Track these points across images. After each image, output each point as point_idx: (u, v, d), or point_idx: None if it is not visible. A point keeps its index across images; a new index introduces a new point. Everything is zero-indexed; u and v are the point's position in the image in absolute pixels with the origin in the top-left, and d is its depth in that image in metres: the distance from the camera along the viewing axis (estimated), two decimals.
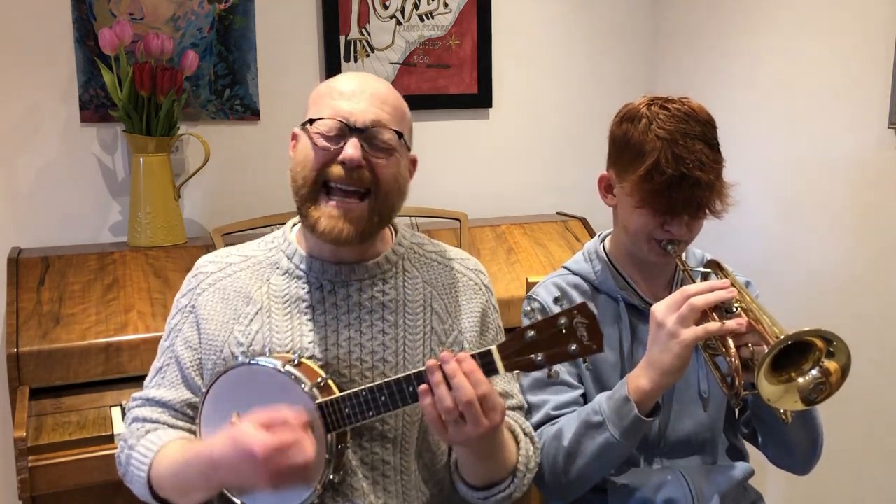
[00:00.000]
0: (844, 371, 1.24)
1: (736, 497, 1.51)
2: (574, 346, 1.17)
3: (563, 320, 1.17)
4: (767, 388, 1.23)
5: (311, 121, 1.30)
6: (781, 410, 1.36)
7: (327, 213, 1.29)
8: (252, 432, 1.14)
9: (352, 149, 1.26)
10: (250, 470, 1.14)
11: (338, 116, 1.28)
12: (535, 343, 1.18)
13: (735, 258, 2.49)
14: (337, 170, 1.28)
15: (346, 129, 1.28)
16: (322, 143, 1.29)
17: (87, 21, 2.34)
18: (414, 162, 1.41)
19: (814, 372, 1.25)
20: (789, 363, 1.25)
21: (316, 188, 1.30)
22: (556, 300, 1.21)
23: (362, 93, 1.31)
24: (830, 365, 1.24)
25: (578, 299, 1.53)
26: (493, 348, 1.20)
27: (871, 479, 2.27)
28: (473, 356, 1.19)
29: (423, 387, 1.18)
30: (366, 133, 1.28)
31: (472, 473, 1.34)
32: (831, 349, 1.23)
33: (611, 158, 1.51)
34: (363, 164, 1.28)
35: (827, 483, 2.34)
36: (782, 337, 1.20)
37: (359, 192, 1.30)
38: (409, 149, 1.38)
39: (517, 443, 1.35)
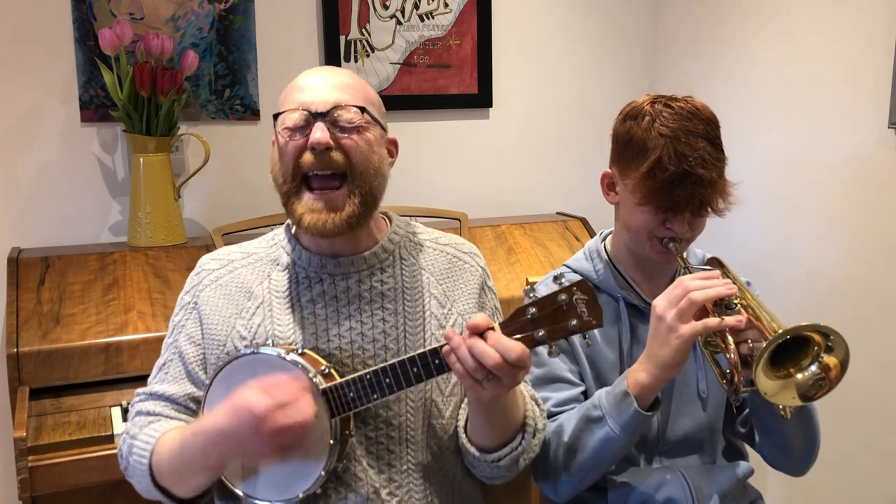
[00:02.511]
0: (843, 366, 1.24)
1: (735, 496, 1.51)
2: (574, 322, 1.18)
3: (563, 297, 1.18)
4: (766, 383, 1.23)
5: (277, 116, 1.33)
6: (780, 406, 1.36)
7: (309, 206, 1.30)
8: (250, 394, 1.17)
9: (318, 132, 1.28)
10: (249, 431, 1.16)
11: (300, 107, 1.30)
12: (536, 319, 1.19)
13: (735, 258, 2.49)
14: (309, 158, 1.29)
15: (310, 117, 1.30)
16: (289, 135, 1.31)
17: (87, 21, 2.34)
18: (394, 143, 1.42)
19: (813, 367, 1.25)
20: (788, 359, 1.26)
21: (296, 182, 1.31)
22: (555, 278, 1.22)
23: (322, 82, 1.33)
24: (829, 360, 1.24)
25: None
26: (496, 325, 1.21)
27: (871, 478, 2.27)
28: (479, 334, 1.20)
29: (446, 347, 1.19)
30: (329, 116, 1.30)
31: (487, 431, 1.33)
32: (829, 344, 1.24)
33: (613, 156, 1.51)
34: (332, 146, 1.29)
35: (827, 483, 2.34)
36: (780, 331, 1.20)
37: (335, 176, 1.31)
38: (383, 128, 1.39)
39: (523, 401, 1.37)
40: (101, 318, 2.04)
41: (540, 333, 1.19)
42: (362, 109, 1.32)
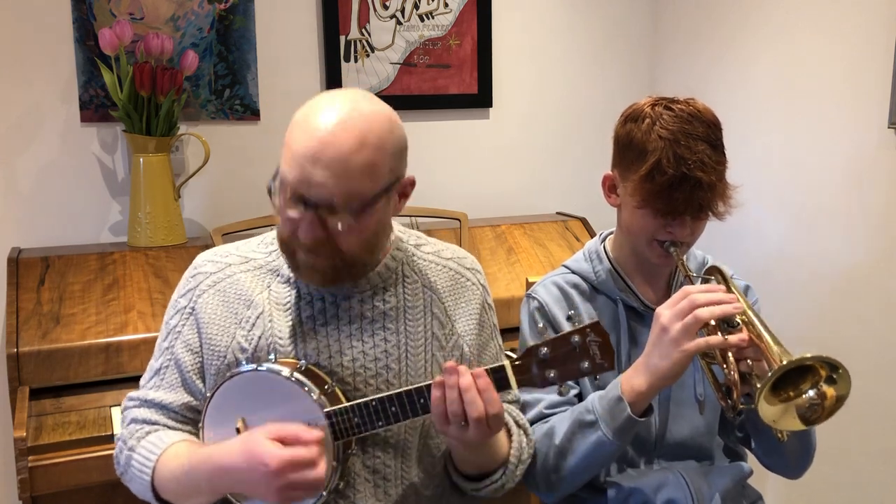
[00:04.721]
0: (840, 400, 1.22)
1: (735, 497, 1.51)
2: (586, 364, 1.19)
3: (576, 338, 1.19)
4: (768, 410, 1.22)
5: (276, 176, 1.25)
6: (778, 431, 1.36)
7: (301, 260, 1.27)
8: (267, 445, 1.16)
9: (305, 228, 1.21)
10: (260, 482, 1.16)
11: (295, 188, 1.20)
12: (548, 360, 1.20)
13: (735, 259, 2.50)
14: (300, 239, 1.23)
15: (303, 203, 1.20)
16: (283, 207, 1.23)
17: (87, 21, 2.34)
18: (412, 183, 1.31)
19: (811, 392, 1.24)
20: (788, 383, 1.24)
21: (289, 248, 1.28)
22: (568, 318, 1.23)
23: (323, 154, 1.18)
24: (828, 391, 1.23)
25: (578, 299, 1.53)
26: (507, 364, 1.21)
27: (871, 478, 2.27)
28: (487, 371, 1.21)
29: (439, 378, 1.20)
30: (322, 207, 1.20)
31: (465, 464, 1.36)
32: (834, 377, 1.22)
33: (614, 158, 1.51)
34: (321, 239, 1.22)
35: (827, 483, 2.34)
36: (784, 363, 1.19)
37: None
38: (398, 180, 1.27)
39: (510, 435, 1.37)
40: (101, 318, 2.04)
41: (550, 374, 1.20)
42: (355, 211, 1.21)
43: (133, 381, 1.96)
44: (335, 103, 1.22)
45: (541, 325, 1.43)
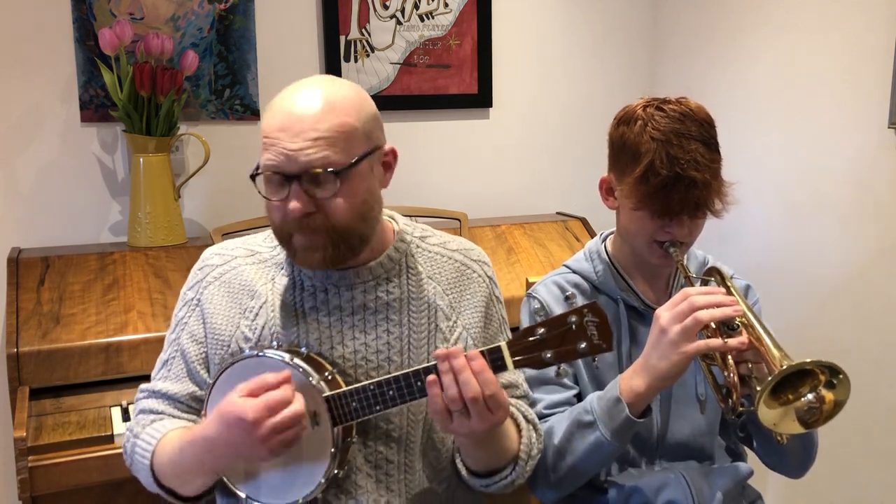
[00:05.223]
0: (839, 405, 1.23)
1: (736, 497, 1.51)
2: (584, 345, 1.18)
3: (573, 318, 1.17)
4: (768, 414, 1.22)
5: (258, 168, 1.27)
6: (777, 434, 1.36)
7: (297, 244, 1.28)
8: (238, 401, 1.17)
9: (293, 201, 1.22)
10: (244, 437, 1.17)
11: (272, 165, 1.23)
12: (545, 340, 1.18)
13: (736, 259, 2.50)
14: (290, 222, 1.24)
15: (284, 179, 1.23)
16: (269, 194, 1.25)
17: (87, 21, 2.34)
18: (392, 154, 1.33)
19: (810, 396, 1.24)
20: (787, 386, 1.24)
21: (283, 234, 1.30)
22: (566, 298, 1.22)
23: (293, 124, 1.21)
24: (827, 395, 1.23)
25: (579, 299, 1.53)
26: (503, 345, 1.20)
27: (871, 478, 2.27)
28: (483, 353, 1.20)
29: (431, 377, 1.19)
30: (303, 177, 1.22)
31: (474, 460, 1.35)
32: (834, 381, 1.22)
33: (610, 161, 1.51)
34: (311, 212, 1.23)
35: (826, 482, 2.34)
36: (784, 367, 1.19)
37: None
38: (376, 148, 1.29)
39: (519, 430, 1.36)
40: (101, 318, 2.04)
41: (547, 355, 1.18)
42: (337, 172, 1.22)
43: (133, 381, 1.98)
44: (298, 85, 1.28)
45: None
